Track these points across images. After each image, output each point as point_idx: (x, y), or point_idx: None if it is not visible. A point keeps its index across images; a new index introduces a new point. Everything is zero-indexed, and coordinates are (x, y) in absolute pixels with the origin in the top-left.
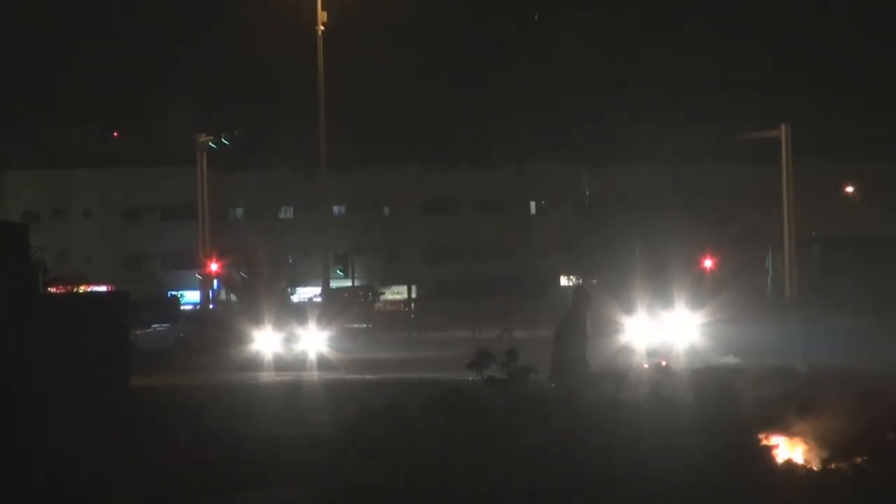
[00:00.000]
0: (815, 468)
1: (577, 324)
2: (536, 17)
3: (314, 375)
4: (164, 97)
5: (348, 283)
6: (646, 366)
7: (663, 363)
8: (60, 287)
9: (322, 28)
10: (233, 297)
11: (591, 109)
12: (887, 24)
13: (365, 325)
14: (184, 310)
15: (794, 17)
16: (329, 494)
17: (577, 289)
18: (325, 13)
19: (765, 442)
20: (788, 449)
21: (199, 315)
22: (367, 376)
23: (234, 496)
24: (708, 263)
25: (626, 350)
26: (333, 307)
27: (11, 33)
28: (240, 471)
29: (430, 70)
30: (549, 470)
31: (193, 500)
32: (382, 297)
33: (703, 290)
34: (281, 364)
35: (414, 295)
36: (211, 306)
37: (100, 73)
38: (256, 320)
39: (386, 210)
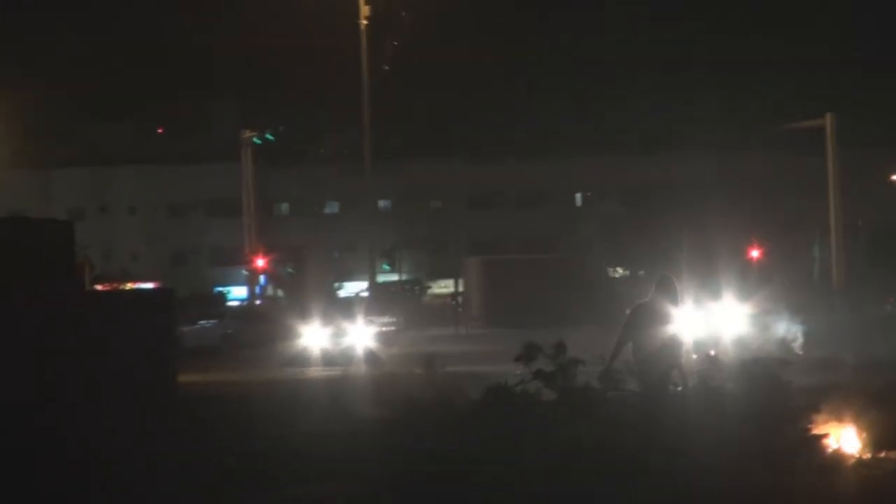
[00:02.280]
0: (865, 458)
1: (661, 318)
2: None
3: (361, 370)
4: (209, 93)
5: (395, 278)
6: (694, 356)
7: (711, 353)
8: (106, 284)
9: (365, 22)
10: (279, 293)
11: (637, 100)
12: None
13: (391, 320)
14: (230, 306)
15: (839, 4)
16: (375, 490)
17: (659, 278)
18: (367, 7)
19: (814, 431)
20: (838, 439)
21: (245, 311)
22: (415, 370)
23: (278, 491)
24: (755, 253)
25: (674, 341)
26: (380, 301)
27: (55, 30)
28: (285, 466)
29: (476, 63)
30: (597, 464)
31: (235, 495)
32: (429, 291)
33: (750, 280)
34: (328, 359)
35: (461, 288)
36: (257, 302)
37: (143, 69)
38: (303, 316)
39: (432, 204)
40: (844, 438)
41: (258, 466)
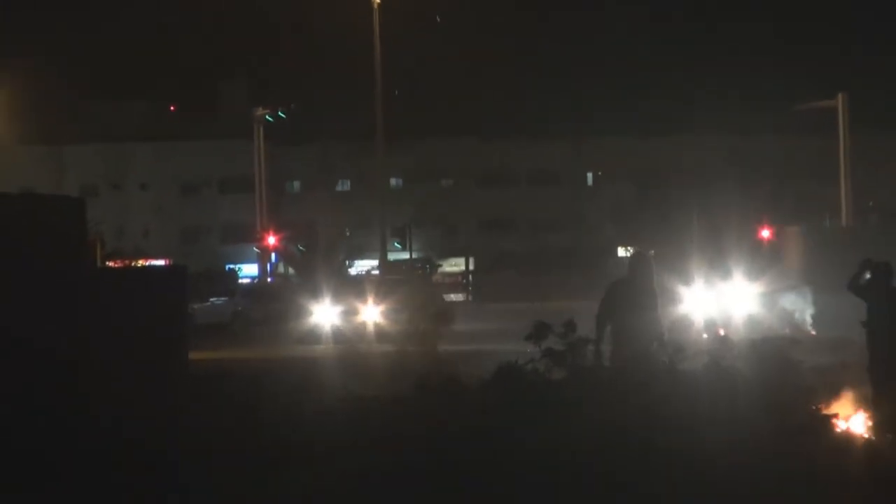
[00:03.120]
0: (875, 439)
1: (641, 294)
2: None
3: (372, 348)
4: (221, 71)
5: (406, 256)
6: (705, 336)
7: (721, 332)
8: (119, 261)
9: (378, 1)
10: (291, 271)
11: (649, 81)
12: None
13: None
14: (242, 283)
15: None
16: (380, 469)
17: (636, 255)
18: None
19: (824, 412)
20: (847, 419)
21: (256, 289)
22: (421, 349)
23: (282, 469)
24: (765, 234)
25: (685, 321)
26: (391, 279)
27: (70, 7)
28: (290, 444)
29: (489, 41)
30: (607, 444)
31: (239, 473)
32: (440, 270)
33: (761, 260)
34: (339, 337)
35: (472, 267)
36: (269, 280)
37: (156, 46)
38: (314, 293)
39: (444, 182)
40: (854, 419)
41: (262, 443)
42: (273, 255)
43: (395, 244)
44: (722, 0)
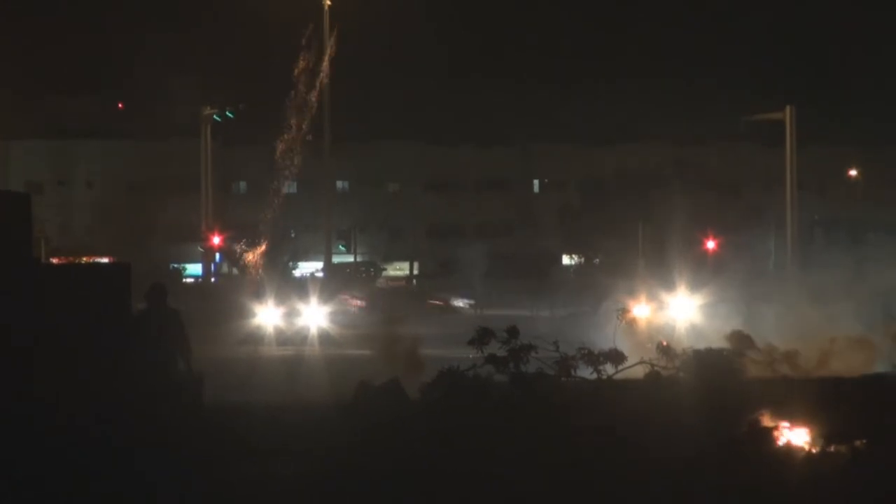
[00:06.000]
0: (815, 451)
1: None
2: None
3: (315, 350)
4: (169, 69)
5: (350, 259)
6: (648, 346)
7: (664, 343)
8: (62, 258)
9: (329, 2)
10: (234, 271)
11: (595, 89)
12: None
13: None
14: (186, 282)
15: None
16: (319, 471)
17: (154, 288)
18: None
19: (765, 424)
20: (788, 431)
21: (200, 288)
22: (368, 352)
23: (223, 468)
24: (710, 244)
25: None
26: (335, 282)
27: (17, 6)
28: (233, 444)
29: (436, 48)
30: (545, 451)
31: (183, 471)
32: (384, 274)
33: (705, 271)
34: (282, 339)
35: (416, 271)
36: (212, 279)
37: (105, 43)
38: (258, 294)
39: (391, 187)
40: (794, 431)
41: (207, 443)
42: (217, 255)
43: (340, 247)
44: (670, 10)
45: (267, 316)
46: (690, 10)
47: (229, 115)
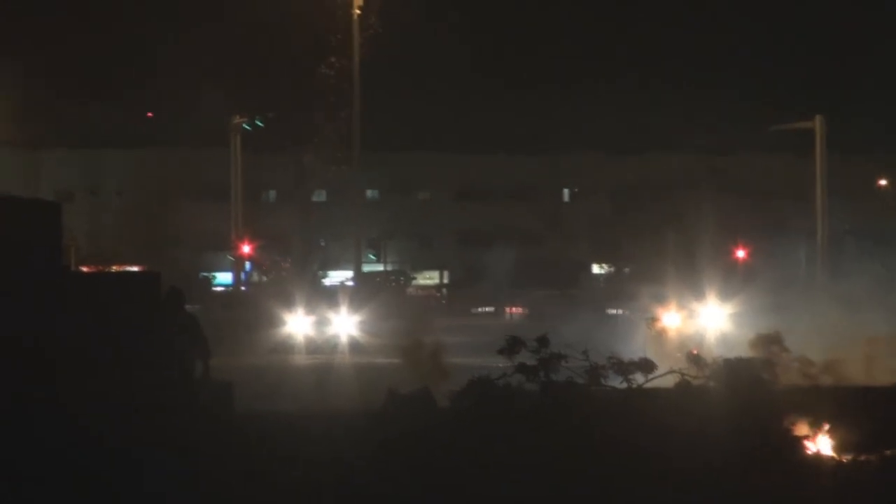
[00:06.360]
0: (845, 459)
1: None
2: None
3: (346, 359)
4: (199, 78)
5: (380, 268)
6: (678, 355)
7: (694, 352)
8: (92, 266)
9: (358, 11)
10: (264, 280)
11: (626, 99)
12: None
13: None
14: (216, 291)
15: (833, 9)
16: (346, 479)
17: (171, 293)
18: None
19: (795, 433)
20: (817, 440)
21: (230, 297)
22: (397, 360)
23: (250, 475)
24: (740, 253)
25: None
26: (365, 291)
27: (49, 11)
28: (261, 451)
29: (468, 56)
30: (573, 461)
31: (213, 480)
32: (414, 282)
33: (735, 280)
34: (312, 347)
35: (446, 280)
36: (242, 288)
37: (135, 52)
38: (288, 303)
39: (420, 195)
40: (823, 441)
41: (233, 453)
42: (247, 264)
43: (370, 256)
44: (702, 18)
45: (297, 324)
46: (722, 19)
47: (259, 123)
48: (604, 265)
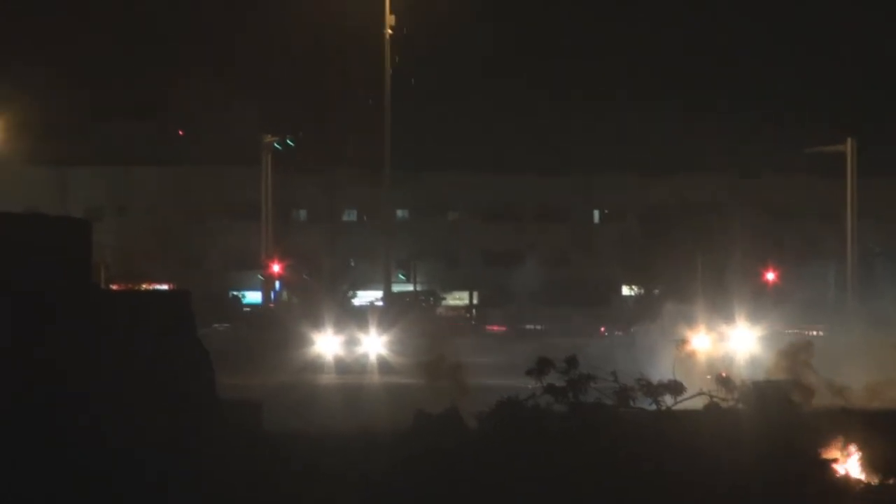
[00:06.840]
0: (874, 483)
1: None
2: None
3: (375, 378)
4: (231, 98)
5: (409, 288)
6: (708, 377)
7: (723, 374)
8: (122, 284)
9: (390, 31)
10: (294, 299)
11: (657, 121)
12: None
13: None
14: (245, 310)
15: (865, 33)
16: (374, 497)
17: None
18: (393, 16)
19: (824, 456)
20: (846, 463)
21: (259, 315)
22: (421, 380)
23: (278, 491)
24: (770, 276)
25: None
26: (394, 311)
27: (78, 29)
28: (290, 468)
29: (497, 77)
30: (602, 484)
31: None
32: (443, 303)
33: (765, 301)
34: (341, 367)
35: (475, 301)
36: (272, 307)
37: (166, 71)
38: (317, 323)
39: (450, 215)
40: (852, 464)
41: (257, 470)
42: (277, 283)
43: (400, 276)
44: (731, 39)
45: (326, 344)
46: (754, 44)
47: (290, 143)
48: (634, 286)
